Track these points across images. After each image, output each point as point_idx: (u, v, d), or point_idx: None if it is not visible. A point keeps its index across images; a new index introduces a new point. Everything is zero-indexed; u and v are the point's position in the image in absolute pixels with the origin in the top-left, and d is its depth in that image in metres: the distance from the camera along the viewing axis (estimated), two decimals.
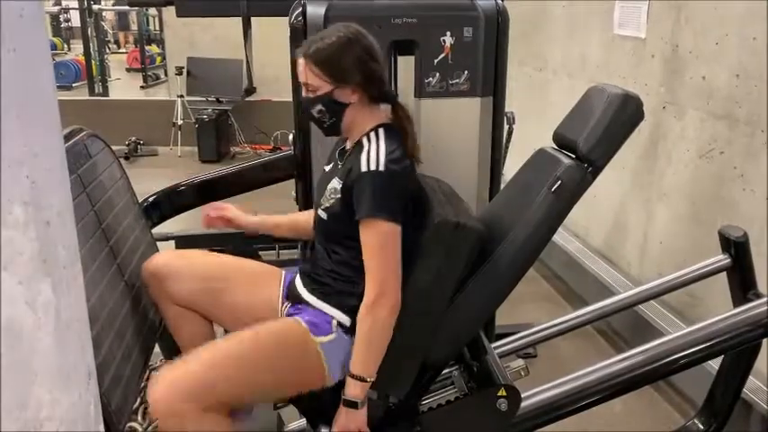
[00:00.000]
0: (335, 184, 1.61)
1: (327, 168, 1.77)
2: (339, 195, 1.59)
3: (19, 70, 0.61)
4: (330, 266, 1.65)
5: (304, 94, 1.64)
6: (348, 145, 1.70)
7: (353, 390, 1.55)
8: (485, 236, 1.61)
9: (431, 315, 1.57)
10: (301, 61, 1.60)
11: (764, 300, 1.88)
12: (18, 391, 0.60)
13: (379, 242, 1.52)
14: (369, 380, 1.54)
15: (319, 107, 1.61)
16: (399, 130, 1.64)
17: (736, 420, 2.20)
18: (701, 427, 2.21)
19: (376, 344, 1.54)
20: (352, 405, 1.55)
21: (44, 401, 0.64)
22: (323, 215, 1.64)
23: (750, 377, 2.14)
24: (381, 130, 1.62)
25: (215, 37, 7.15)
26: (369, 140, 1.60)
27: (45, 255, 0.64)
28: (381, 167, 1.53)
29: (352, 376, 1.54)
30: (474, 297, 1.64)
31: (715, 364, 2.17)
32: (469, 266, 1.63)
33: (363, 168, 1.53)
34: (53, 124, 0.68)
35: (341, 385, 1.59)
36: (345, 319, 1.62)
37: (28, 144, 0.62)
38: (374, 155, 1.55)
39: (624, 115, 1.65)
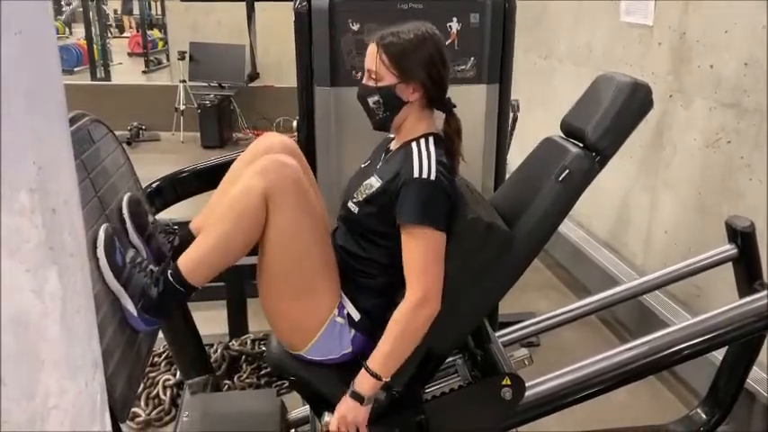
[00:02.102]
0: (374, 181, 1.61)
1: (365, 165, 1.77)
2: (376, 193, 1.59)
3: (24, 54, 0.60)
4: (353, 259, 1.65)
5: (365, 80, 1.64)
6: (393, 145, 1.70)
7: (365, 384, 1.54)
8: (512, 240, 1.60)
9: (444, 308, 1.55)
10: (373, 48, 1.60)
11: None
12: (25, 380, 0.59)
13: (424, 249, 1.51)
14: (384, 380, 1.54)
15: (377, 98, 1.61)
16: (448, 141, 1.63)
17: (739, 411, 2.20)
18: (705, 418, 2.22)
19: (403, 347, 1.53)
20: (359, 398, 1.54)
21: (51, 390, 0.63)
22: (353, 208, 1.63)
23: (754, 368, 2.14)
24: (432, 139, 1.61)
25: (218, 22, 7.12)
26: (419, 146, 1.59)
27: (51, 242, 0.63)
28: (432, 176, 1.53)
29: (368, 370, 1.53)
30: (479, 286, 1.64)
31: (719, 354, 2.17)
32: (488, 267, 1.62)
33: (415, 174, 1.53)
34: (59, 109, 0.67)
35: (348, 374, 1.58)
36: (356, 314, 1.62)
37: (34, 129, 0.61)
38: (426, 162, 1.54)
39: (633, 104, 1.63)
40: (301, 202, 1.55)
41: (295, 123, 2.54)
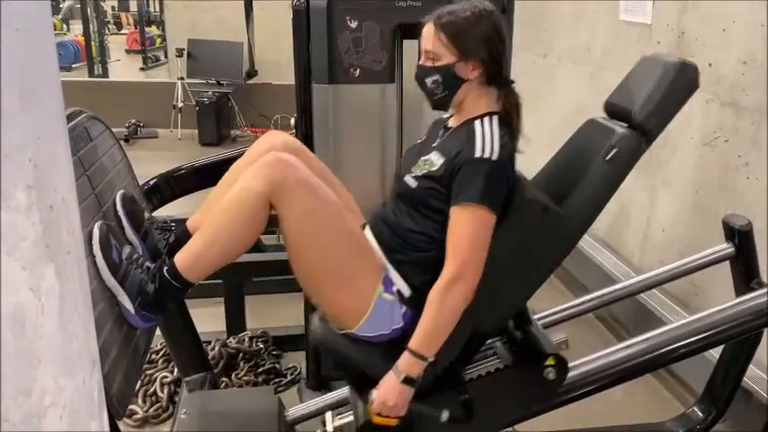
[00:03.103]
0: (434, 157, 1.62)
1: (420, 141, 1.78)
2: (436, 169, 1.59)
3: (22, 51, 0.60)
4: (405, 234, 1.64)
5: (422, 62, 1.64)
6: (452, 122, 1.70)
7: (409, 365, 1.54)
8: (565, 223, 1.60)
9: (490, 286, 1.55)
10: (429, 28, 1.61)
11: (767, 289, 1.88)
12: (22, 377, 0.59)
13: (474, 228, 1.52)
14: (428, 359, 1.53)
15: (436, 77, 1.61)
16: (507, 118, 1.63)
17: (735, 409, 2.21)
18: (701, 415, 2.22)
19: (443, 325, 1.53)
20: (402, 379, 1.54)
21: (48, 388, 0.63)
22: (411, 182, 1.63)
23: (750, 366, 2.14)
24: (495, 118, 1.61)
25: (216, 19, 7.10)
26: (482, 125, 1.59)
27: (49, 240, 0.63)
28: (495, 156, 1.53)
29: (410, 350, 1.53)
30: (525, 269, 1.64)
31: (715, 352, 2.17)
32: (543, 254, 1.63)
33: (477, 153, 1.53)
34: (57, 106, 0.67)
35: (391, 354, 1.58)
36: (406, 290, 1.63)
37: (31, 127, 0.60)
38: (489, 142, 1.55)
39: (681, 83, 1.63)
40: (310, 193, 1.55)
41: (293, 121, 2.53)
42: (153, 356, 2.77)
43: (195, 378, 2.40)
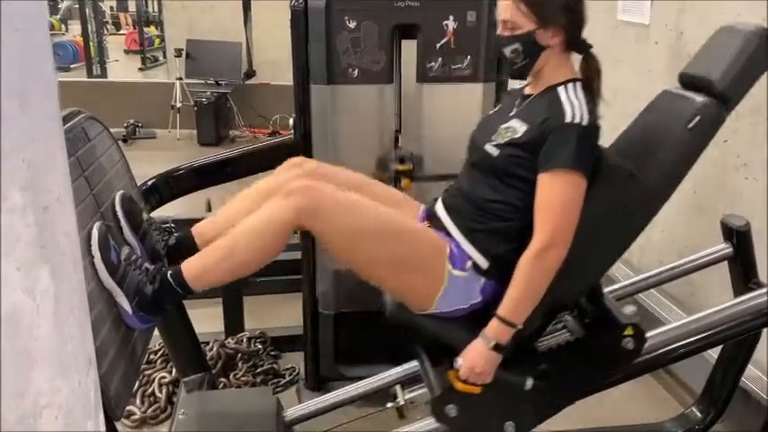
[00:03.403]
0: (515, 124, 1.62)
1: (494, 111, 1.79)
2: (519, 136, 1.59)
3: (18, 51, 0.60)
4: (484, 204, 1.64)
5: (500, 31, 1.64)
6: (530, 90, 1.70)
7: (498, 332, 1.55)
8: (650, 189, 1.60)
9: (574, 255, 1.55)
10: None
11: (765, 289, 1.88)
12: (17, 379, 0.59)
13: (568, 194, 1.52)
14: (517, 326, 1.54)
15: (515, 46, 1.61)
16: (588, 83, 1.64)
17: (734, 409, 2.21)
18: (700, 416, 2.23)
19: (534, 292, 1.54)
20: (491, 346, 1.55)
21: (43, 389, 0.63)
22: (492, 150, 1.63)
23: (749, 366, 2.14)
24: (578, 84, 1.62)
25: (214, 19, 7.09)
26: (566, 91, 1.59)
27: (44, 241, 0.62)
28: (585, 122, 1.54)
29: (499, 318, 1.54)
30: (608, 237, 1.64)
31: (714, 353, 2.17)
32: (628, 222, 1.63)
33: (567, 119, 1.53)
34: (52, 107, 0.67)
35: (477, 324, 1.59)
36: (483, 262, 1.63)
37: (26, 127, 0.60)
38: (577, 107, 1.55)
39: (762, 51, 1.62)
40: (342, 210, 1.56)
41: (291, 121, 2.53)
42: (151, 357, 2.77)
43: (193, 378, 2.39)
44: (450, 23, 2.21)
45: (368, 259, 1.62)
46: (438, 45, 2.22)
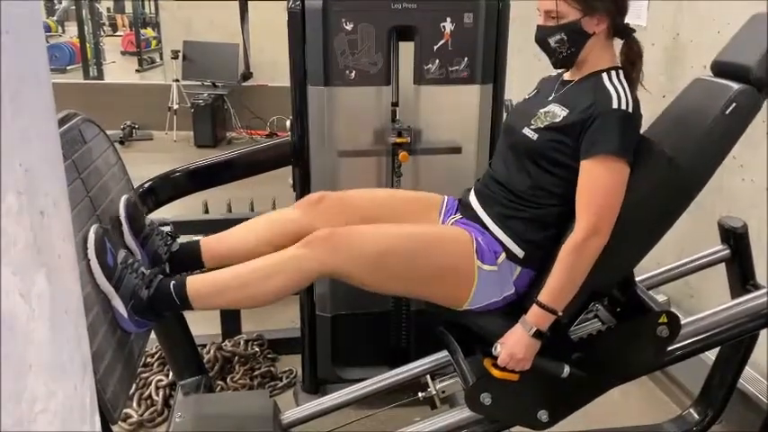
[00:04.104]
0: (557, 109, 1.61)
1: (531, 95, 1.79)
2: (559, 120, 1.58)
3: (11, 53, 0.59)
4: (522, 189, 1.64)
5: (542, 22, 1.63)
6: (570, 76, 1.69)
7: (539, 318, 1.55)
8: (689, 176, 1.60)
9: (614, 242, 1.55)
10: None
11: (763, 291, 1.89)
12: (12, 383, 0.59)
13: (613, 181, 1.52)
14: (558, 313, 1.54)
15: (560, 36, 1.59)
16: (629, 67, 1.63)
17: (731, 411, 2.21)
18: (697, 417, 2.22)
19: (575, 279, 1.54)
20: (532, 333, 1.55)
21: (39, 394, 0.62)
22: (531, 134, 1.62)
23: (746, 368, 2.14)
24: (621, 72, 1.61)
25: (211, 21, 7.08)
26: (610, 78, 1.59)
27: (40, 245, 0.62)
28: (631, 109, 1.53)
29: (541, 305, 1.54)
30: (646, 224, 1.64)
31: (711, 354, 2.17)
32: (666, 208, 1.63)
33: (614, 105, 1.53)
34: (47, 110, 0.66)
35: (512, 313, 1.59)
36: (519, 251, 1.62)
37: (21, 130, 0.60)
38: (623, 94, 1.55)
39: None
40: (365, 242, 1.57)
41: (288, 123, 2.53)
42: (148, 360, 2.76)
43: (190, 381, 2.39)
44: (448, 25, 2.21)
45: (397, 279, 1.62)
46: (435, 47, 2.22)
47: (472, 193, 1.76)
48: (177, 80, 6.91)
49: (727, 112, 1.59)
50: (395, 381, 1.97)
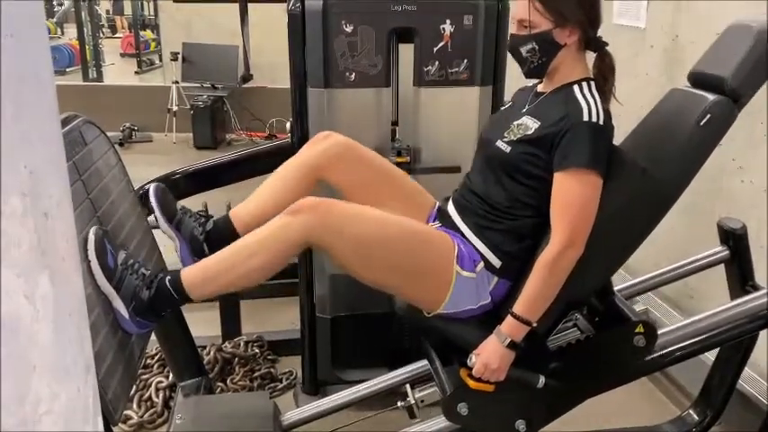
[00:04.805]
0: (529, 121, 1.62)
1: (505, 107, 1.80)
2: (531, 132, 1.59)
3: (16, 56, 0.60)
4: (497, 201, 1.64)
5: (515, 31, 1.64)
6: (543, 88, 1.70)
7: (513, 329, 1.55)
8: (662, 187, 1.61)
9: (589, 253, 1.55)
10: None
11: (762, 292, 1.89)
12: (16, 385, 0.59)
13: (586, 194, 1.52)
14: (533, 324, 1.55)
15: (531, 45, 1.60)
16: (601, 80, 1.64)
17: (731, 412, 2.21)
18: (697, 418, 2.23)
19: (549, 290, 1.54)
20: (506, 344, 1.55)
21: (43, 396, 0.62)
22: (504, 147, 1.63)
23: (745, 369, 2.15)
24: (593, 84, 1.62)
25: (211, 22, 7.09)
26: (582, 90, 1.59)
27: (44, 246, 0.62)
28: (601, 121, 1.54)
29: (515, 316, 1.55)
30: (621, 235, 1.65)
31: (710, 355, 2.18)
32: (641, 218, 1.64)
33: (585, 117, 1.53)
34: (51, 112, 0.67)
35: (489, 323, 1.59)
36: (496, 261, 1.63)
37: (26, 133, 0.60)
38: (593, 106, 1.55)
39: None
40: (352, 221, 1.56)
41: (288, 125, 2.53)
42: (148, 361, 2.76)
43: (190, 383, 2.39)
44: (447, 27, 2.22)
45: (378, 266, 1.61)
46: (435, 49, 2.22)
47: (450, 202, 1.77)
48: (177, 82, 6.91)
49: (701, 124, 1.60)
50: (395, 382, 1.97)
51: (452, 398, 1.66)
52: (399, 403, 1.84)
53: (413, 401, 1.82)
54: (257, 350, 2.90)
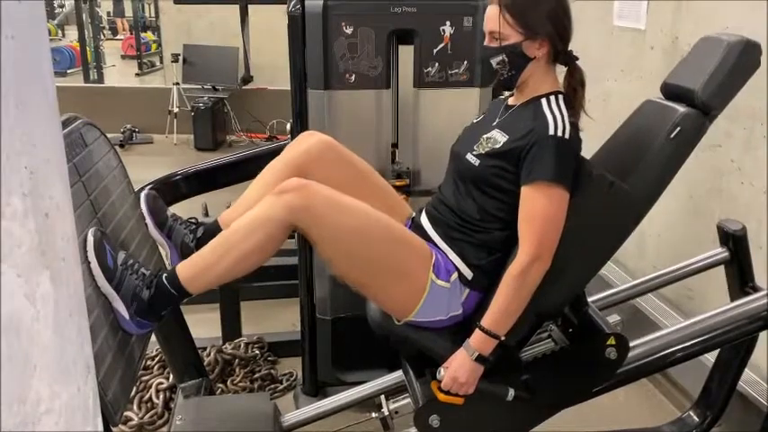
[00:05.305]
0: (497, 135, 1.62)
1: (477, 120, 1.80)
2: (499, 146, 1.60)
3: (17, 58, 0.60)
4: (468, 213, 1.64)
5: (487, 42, 1.64)
6: (513, 101, 1.70)
7: (481, 343, 1.55)
8: (631, 199, 1.61)
9: (558, 266, 1.56)
10: (494, 9, 1.60)
11: (762, 293, 1.89)
12: (17, 384, 0.59)
13: (552, 207, 1.52)
14: (501, 338, 1.55)
15: (502, 58, 1.61)
16: (571, 94, 1.64)
17: (731, 413, 2.21)
18: (697, 420, 2.23)
19: (517, 304, 1.54)
20: (474, 357, 1.55)
21: (43, 395, 0.63)
22: (473, 160, 1.63)
23: (745, 370, 2.15)
24: (561, 97, 1.62)
25: (211, 24, 7.10)
26: (549, 104, 1.60)
27: (44, 247, 0.63)
28: (567, 135, 1.54)
29: (483, 330, 1.54)
30: (591, 247, 1.64)
31: (711, 356, 2.18)
32: (611, 231, 1.64)
33: (550, 131, 1.53)
34: (52, 114, 0.67)
35: (459, 334, 1.59)
36: (468, 274, 1.63)
37: (26, 134, 0.60)
38: (560, 120, 1.55)
39: (745, 62, 1.64)
40: (335, 211, 1.56)
41: (288, 126, 2.54)
42: (148, 363, 2.76)
43: (191, 384, 2.39)
44: (447, 29, 2.22)
45: (355, 260, 1.61)
46: (435, 50, 2.23)
47: (423, 214, 1.77)
48: (177, 83, 6.92)
49: (671, 137, 1.61)
50: (395, 383, 1.97)
51: (424, 410, 1.66)
52: (373, 414, 1.84)
53: (387, 413, 1.82)
54: (257, 351, 2.90)
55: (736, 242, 2.06)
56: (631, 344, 1.82)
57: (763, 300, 1.84)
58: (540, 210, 1.52)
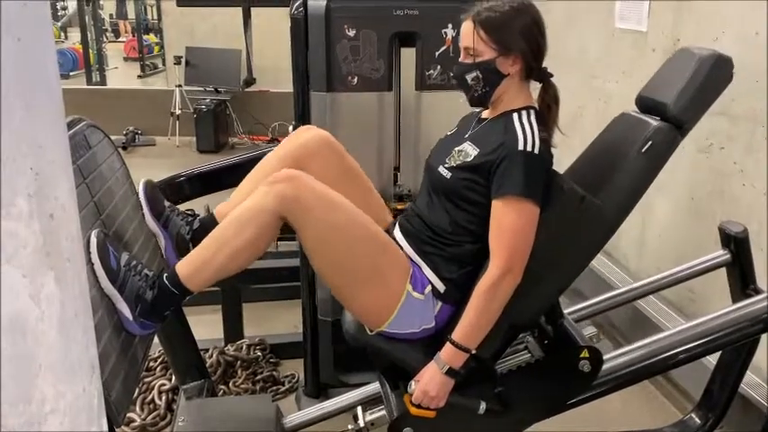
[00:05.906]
0: (468, 148, 1.62)
1: (451, 132, 1.79)
2: (471, 159, 1.60)
3: (23, 60, 0.61)
4: (438, 228, 1.64)
5: (462, 59, 1.65)
6: (486, 114, 1.71)
7: (452, 357, 1.55)
8: (603, 213, 1.61)
9: (529, 279, 1.56)
10: (468, 25, 1.61)
11: (764, 295, 1.89)
12: (22, 385, 0.60)
13: (522, 222, 1.52)
14: (472, 351, 1.55)
15: (476, 74, 1.61)
16: (545, 110, 1.65)
17: (732, 415, 2.21)
18: (699, 422, 2.22)
19: (488, 318, 1.54)
20: (444, 371, 1.55)
21: (48, 395, 0.63)
22: (445, 173, 1.64)
23: (747, 372, 2.15)
24: (533, 112, 1.62)
25: (214, 26, 7.11)
26: (521, 118, 1.59)
27: (49, 247, 0.63)
28: (536, 150, 1.54)
29: (453, 343, 1.54)
30: (562, 260, 1.64)
31: (713, 359, 2.18)
32: (582, 245, 1.64)
33: (520, 147, 1.53)
34: (57, 115, 0.68)
35: (432, 347, 1.59)
36: (441, 287, 1.64)
37: (32, 135, 0.61)
38: (530, 135, 1.55)
39: (716, 75, 1.64)
40: (324, 207, 1.56)
41: (291, 128, 2.54)
42: (151, 364, 2.77)
43: (193, 386, 2.39)
44: (449, 32, 2.23)
45: (335, 259, 1.60)
46: (437, 53, 2.23)
47: (397, 227, 1.76)
48: (180, 86, 6.93)
49: (643, 151, 1.61)
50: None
51: (398, 423, 1.65)
52: (350, 426, 1.84)
53: (362, 425, 1.82)
54: (260, 353, 2.90)
55: (737, 244, 2.06)
56: (633, 345, 1.83)
57: (764, 302, 1.84)
58: (509, 224, 1.52)
